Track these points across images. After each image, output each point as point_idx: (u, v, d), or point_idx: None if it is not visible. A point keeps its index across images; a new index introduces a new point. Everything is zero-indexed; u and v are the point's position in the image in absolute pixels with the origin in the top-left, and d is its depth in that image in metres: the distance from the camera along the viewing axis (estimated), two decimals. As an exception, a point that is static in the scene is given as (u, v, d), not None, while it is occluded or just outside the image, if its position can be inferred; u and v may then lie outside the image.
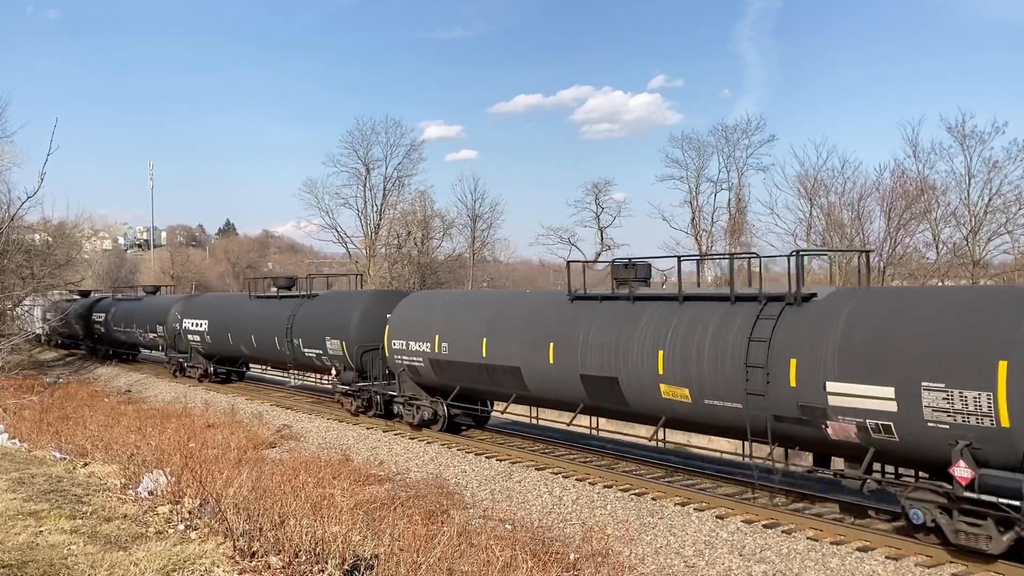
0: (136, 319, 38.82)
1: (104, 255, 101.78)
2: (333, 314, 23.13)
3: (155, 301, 39.83)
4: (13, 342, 35.34)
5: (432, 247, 63.67)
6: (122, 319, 40.67)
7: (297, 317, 24.76)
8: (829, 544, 11.47)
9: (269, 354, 27.30)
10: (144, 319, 37.84)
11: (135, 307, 40.25)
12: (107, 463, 14.86)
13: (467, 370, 17.94)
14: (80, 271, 63.23)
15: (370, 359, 21.78)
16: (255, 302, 28.70)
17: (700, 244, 53.97)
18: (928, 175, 44.49)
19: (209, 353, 31.93)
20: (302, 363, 25.48)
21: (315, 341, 23.63)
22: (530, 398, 17.05)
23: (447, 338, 18.37)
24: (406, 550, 9.41)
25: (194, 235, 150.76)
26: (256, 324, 27.43)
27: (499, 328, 17.14)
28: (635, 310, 14.57)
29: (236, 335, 28.79)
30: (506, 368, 16.80)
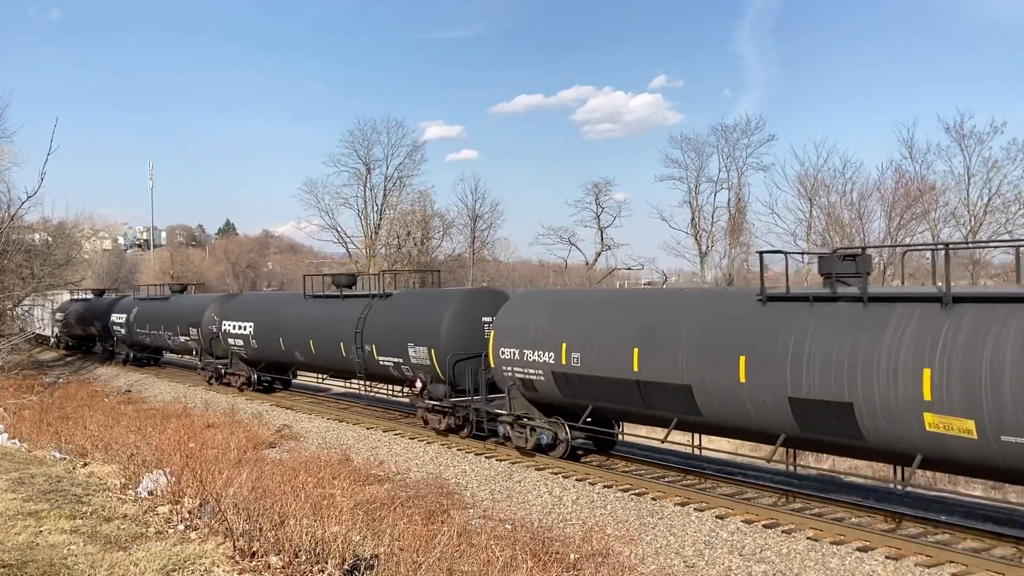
0: (164, 321, 35.51)
1: (104, 255, 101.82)
2: (417, 316, 20.00)
3: (184, 301, 36.35)
4: (13, 342, 35.30)
5: (432, 247, 63.73)
6: (147, 320, 37.49)
7: (369, 320, 21.57)
8: (829, 544, 11.47)
9: (332, 362, 23.90)
10: (173, 321, 34.59)
11: (162, 308, 36.75)
12: (107, 463, 14.85)
13: (608, 387, 14.77)
14: (80, 271, 63.17)
15: (463, 370, 18.67)
16: (312, 303, 25.12)
17: (700, 244, 53.99)
18: (926, 175, 44.58)
19: (254, 359, 28.42)
20: (375, 373, 22.00)
21: (393, 348, 20.48)
22: (702, 424, 13.82)
23: (579, 347, 15.25)
24: (406, 550, 9.42)
25: (194, 235, 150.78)
26: (315, 327, 24.15)
27: (659, 336, 13.94)
28: (873, 315, 11.25)
29: (290, 339, 25.35)
30: (669, 387, 13.60)
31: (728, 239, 53.60)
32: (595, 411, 15.62)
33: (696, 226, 54.81)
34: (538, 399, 16.74)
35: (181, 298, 37.73)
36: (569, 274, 61.73)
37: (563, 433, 16.50)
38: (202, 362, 31.99)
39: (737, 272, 51.83)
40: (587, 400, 15.51)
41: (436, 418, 19.75)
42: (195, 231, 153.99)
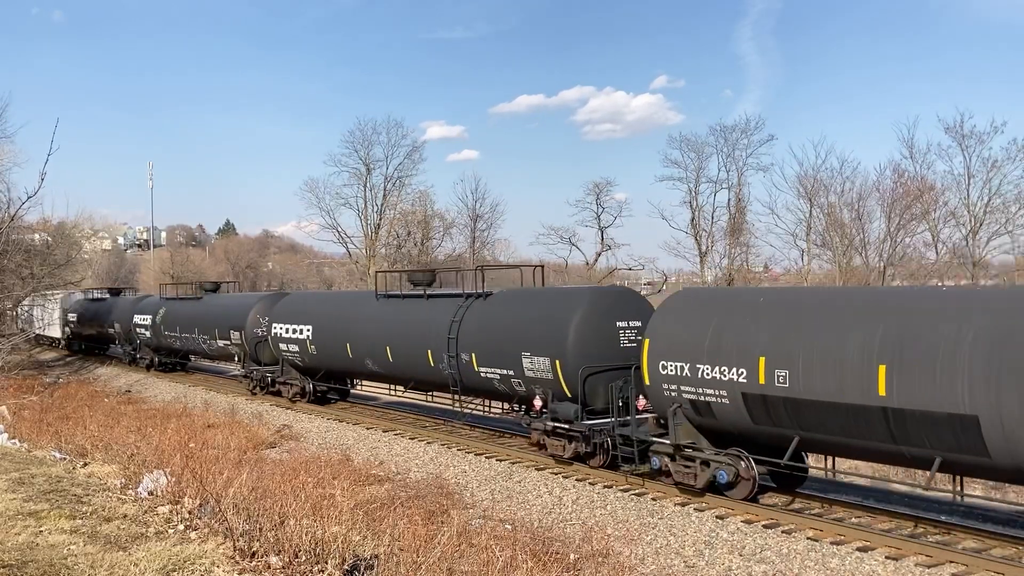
0: (198, 323, 31.73)
1: (104, 255, 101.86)
2: (534, 320, 16.71)
3: (221, 301, 32.56)
4: (13, 342, 35.28)
5: (432, 247, 63.69)
6: (176, 322, 33.79)
7: (466, 324, 18.18)
8: (829, 544, 11.47)
9: (415, 372, 20.30)
10: (209, 323, 30.83)
11: (194, 308, 33.07)
12: (107, 463, 14.86)
13: (834, 415, 11.55)
14: (80, 271, 63.11)
15: (594, 386, 15.61)
16: (387, 303, 21.74)
17: (700, 244, 53.96)
18: (926, 175, 44.57)
19: (311, 367, 25.10)
20: (474, 387, 18.41)
21: (500, 358, 17.22)
22: (986, 468, 10.65)
23: (786, 363, 12.01)
24: (406, 550, 9.43)
25: (194, 235, 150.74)
26: (393, 332, 20.71)
27: (919, 349, 10.73)
28: None
29: (360, 346, 21.94)
30: (941, 417, 10.43)
31: (728, 239, 53.56)
32: (803, 444, 12.54)
33: (696, 226, 54.75)
34: (713, 426, 13.50)
35: (216, 298, 33.73)
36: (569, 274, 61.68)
37: (748, 469, 13.18)
38: (245, 369, 28.37)
39: (737, 271, 51.79)
40: (794, 430, 12.23)
41: (558, 443, 16.23)
42: (195, 231, 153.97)
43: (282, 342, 25.60)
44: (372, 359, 21.70)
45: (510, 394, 17.52)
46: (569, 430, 15.92)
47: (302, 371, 25.87)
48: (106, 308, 43.83)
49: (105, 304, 44.81)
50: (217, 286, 36.48)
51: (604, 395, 15.61)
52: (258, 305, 28.15)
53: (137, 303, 40.10)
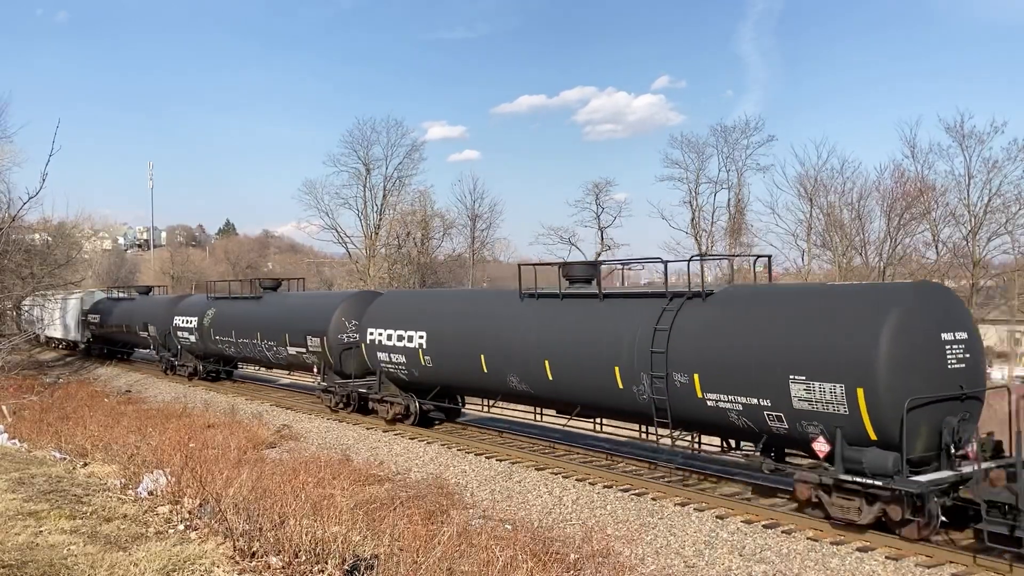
0: (261, 327, 27.13)
1: (104, 255, 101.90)
2: (806, 329, 12.13)
3: (290, 302, 27.91)
4: (14, 343, 35.27)
5: (432, 247, 63.71)
6: (230, 326, 29.11)
7: (678, 333, 13.65)
8: (829, 544, 11.47)
9: (592, 395, 15.47)
10: (276, 327, 26.10)
11: (254, 310, 28.37)
12: (107, 463, 14.86)
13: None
14: (80, 271, 63.11)
15: (915, 424, 11.12)
16: (539, 305, 16.93)
17: (700, 244, 53.96)
18: (927, 175, 44.59)
19: (422, 383, 20.14)
20: (693, 418, 13.79)
21: (744, 381, 12.59)
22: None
23: None
24: (406, 550, 9.43)
25: (194, 235, 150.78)
26: (554, 342, 16.01)
27: None
28: None
29: (500, 359, 17.24)
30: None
31: (728, 239, 53.58)
32: None
33: (696, 226, 54.81)
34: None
35: (280, 297, 29.03)
36: (569, 274, 61.75)
37: None
38: (324, 382, 23.94)
39: (736, 271, 51.79)
40: None
41: (849, 504, 11.80)
42: (195, 231, 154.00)
43: (381, 351, 20.75)
44: (520, 376, 16.89)
45: (756, 431, 12.86)
46: (874, 487, 11.30)
47: (406, 387, 20.98)
48: (135, 309, 39.24)
49: (134, 304, 40.42)
50: (278, 283, 31.21)
51: (927, 437, 11.36)
52: (343, 305, 23.77)
53: (176, 303, 35.19)
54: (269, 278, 32.75)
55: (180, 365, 33.64)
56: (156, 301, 39.20)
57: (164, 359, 35.18)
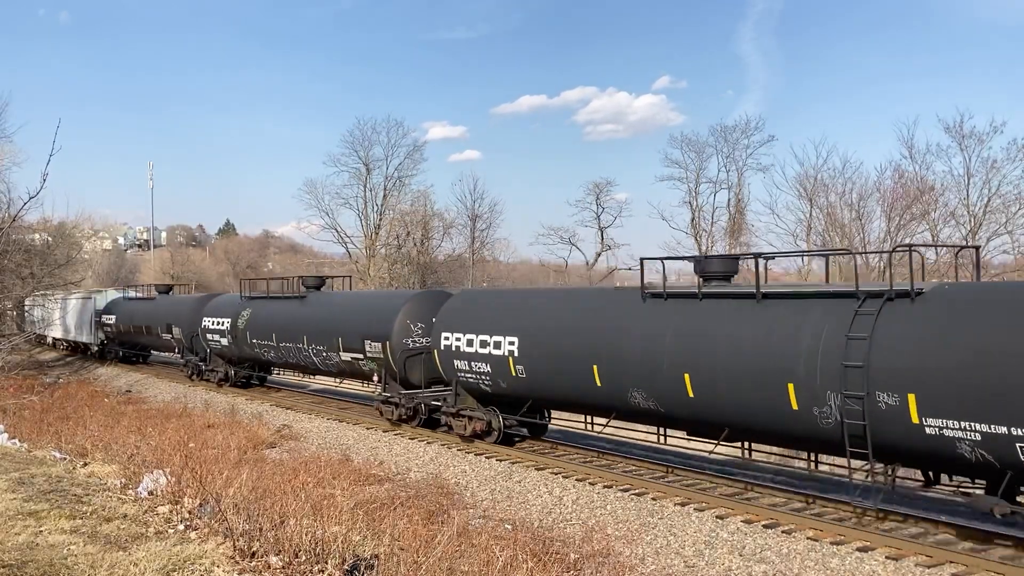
0: (307, 330, 24.14)
1: (104, 255, 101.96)
2: None
3: (341, 302, 24.72)
4: (13, 342, 35.26)
5: (432, 247, 63.77)
6: (269, 329, 26.10)
7: (879, 342, 11.08)
8: (829, 544, 11.47)
9: (754, 417, 12.75)
10: (326, 330, 23.28)
11: (298, 312, 25.22)
12: (107, 463, 14.85)
13: None
14: (80, 271, 63.10)
15: None
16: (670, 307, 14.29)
17: (700, 244, 53.99)
18: (926, 175, 44.62)
19: (512, 395, 17.41)
20: (902, 447, 11.15)
21: (987, 405, 10.02)
22: None
23: None
24: (406, 550, 9.43)
25: (194, 235, 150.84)
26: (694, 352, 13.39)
27: None
28: None
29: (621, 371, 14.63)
30: None
31: (728, 239, 53.59)
32: None
33: (696, 226, 54.85)
34: None
35: (327, 297, 25.88)
36: (569, 274, 61.75)
37: None
38: (387, 392, 21.10)
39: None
40: None
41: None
42: (195, 231, 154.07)
43: (459, 358, 18.07)
44: (646, 392, 14.33)
45: (995, 466, 10.25)
46: None
47: (487, 400, 18.22)
48: (156, 309, 36.41)
49: (155, 304, 37.59)
50: (322, 281, 27.24)
51: None
52: (408, 306, 20.78)
53: (205, 303, 32.11)
54: (312, 276, 28.10)
55: (209, 370, 30.91)
56: (181, 301, 36.29)
57: (190, 364, 32.53)
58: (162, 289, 41.05)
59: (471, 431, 18.29)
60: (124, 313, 40.05)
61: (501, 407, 18.07)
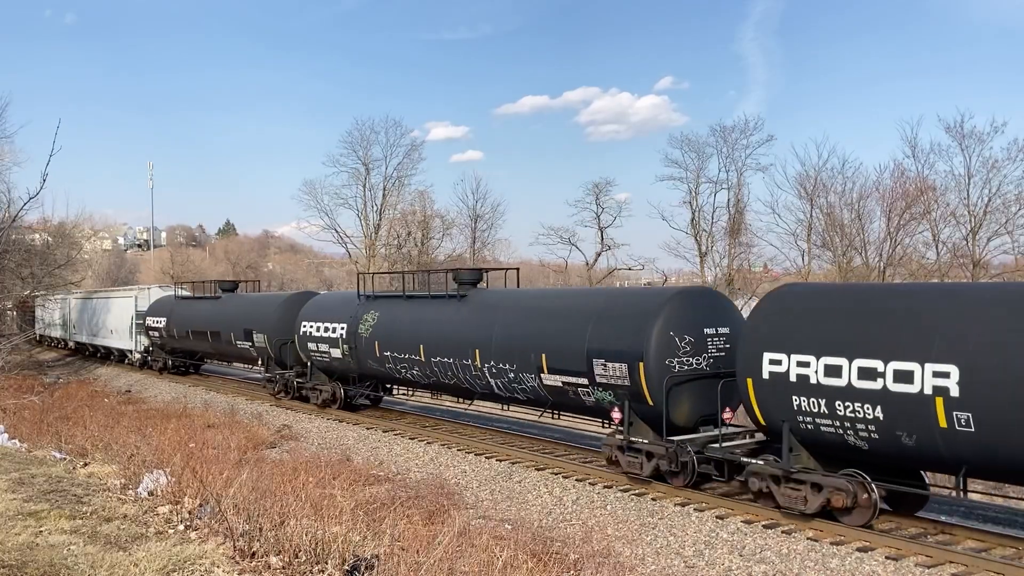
0: (479, 341, 17.62)
1: (104, 255, 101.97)
2: None
3: (525, 304, 17.71)
4: (13, 342, 35.23)
5: (432, 247, 63.73)
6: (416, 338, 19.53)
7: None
8: (829, 544, 11.47)
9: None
10: (511, 344, 16.86)
11: (454, 316, 18.76)
12: (107, 463, 14.85)
13: None
14: (80, 271, 63.07)
15: None
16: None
17: (700, 244, 53.95)
18: (927, 175, 44.57)
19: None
20: None
21: None
22: None
23: None
24: (406, 550, 9.43)
25: (194, 235, 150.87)
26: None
27: None
28: None
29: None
30: None
31: (728, 239, 53.54)
32: None
33: (696, 226, 54.70)
34: None
35: (502, 297, 18.72)
36: (569, 274, 61.72)
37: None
38: (625, 436, 14.63)
39: (736, 271, 51.80)
40: None
41: None
42: (195, 231, 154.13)
43: (828, 397, 11.58)
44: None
45: None
46: None
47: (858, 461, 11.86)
48: (223, 311, 30.13)
49: (221, 305, 30.90)
50: (479, 275, 20.28)
51: None
52: (667, 311, 14.28)
53: (299, 303, 25.72)
54: (468, 268, 21.22)
55: (312, 389, 24.48)
56: (263, 301, 29.24)
57: (280, 380, 26.29)
58: (226, 286, 33.26)
59: (815, 506, 12.13)
60: (178, 315, 33.31)
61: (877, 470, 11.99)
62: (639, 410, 14.56)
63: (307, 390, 25.00)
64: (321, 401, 24.39)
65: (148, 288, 38.98)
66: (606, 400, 15.04)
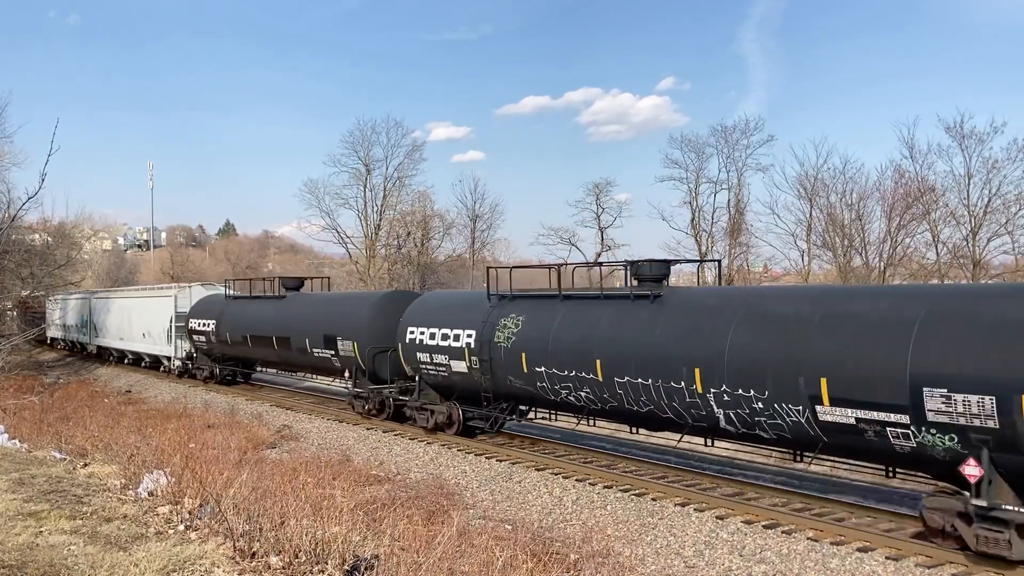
0: (687, 357, 13.48)
1: (104, 255, 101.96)
2: None
3: (803, 312, 12.24)
4: (13, 342, 35.21)
5: (432, 247, 63.77)
6: (584, 350, 15.41)
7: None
8: (829, 544, 11.47)
9: None
10: (770, 369, 12.19)
11: (645, 325, 14.54)
12: (107, 463, 14.84)
13: None
14: (80, 271, 63.05)
15: None
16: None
17: (700, 244, 53.96)
18: (927, 176, 44.56)
19: None
20: None
21: None
22: None
23: None
24: (406, 550, 9.43)
25: (194, 235, 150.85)
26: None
27: None
28: None
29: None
30: None
31: (728, 239, 53.54)
32: None
33: (696, 226, 54.72)
34: None
35: (718, 298, 14.26)
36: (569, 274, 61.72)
37: None
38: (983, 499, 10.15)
39: (736, 272, 51.80)
40: None
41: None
42: (195, 231, 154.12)
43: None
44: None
45: None
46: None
47: None
48: (292, 313, 25.42)
49: (284, 306, 26.16)
50: (666, 271, 15.66)
51: None
52: None
53: (397, 303, 21.66)
54: (651, 260, 15.58)
55: (419, 409, 20.17)
56: (347, 301, 24.61)
57: (374, 396, 21.78)
58: (290, 284, 27.79)
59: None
60: (231, 318, 28.75)
61: None
62: (1008, 464, 10.11)
63: (413, 410, 20.49)
64: (432, 425, 19.89)
65: (189, 287, 34.61)
66: (941, 447, 10.57)
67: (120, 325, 38.95)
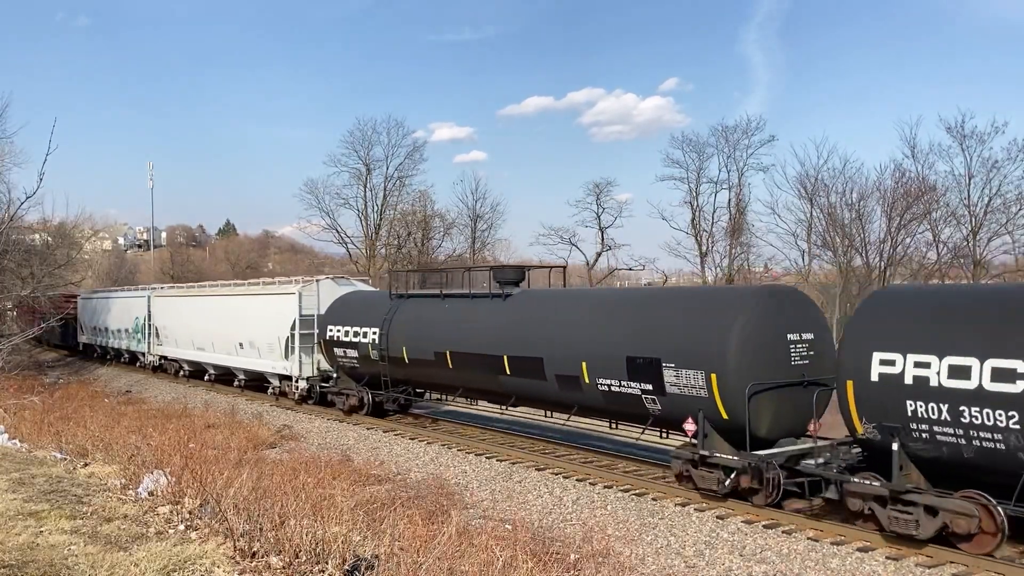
0: None
1: (104, 255, 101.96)
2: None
3: None
4: (13, 342, 35.19)
5: (432, 247, 63.75)
6: None
7: None
8: (829, 544, 11.47)
9: None
10: None
11: None
12: (107, 463, 14.85)
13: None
14: (80, 271, 63.03)
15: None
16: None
17: (700, 244, 53.98)
18: (928, 175, 44.59)
19: None
20: None
21: None
22: None
23: None
24: (406, 550, 9.42)
25: (194, 235, 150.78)
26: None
27: None
28: None
29: None
30: None
31: (729, 239, 53.55)
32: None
33: (696, 226, 54.74)
34: None
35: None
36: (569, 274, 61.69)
37: None
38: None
39: (736, 272, 51.81)
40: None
41: None
42: (195, 231, 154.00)
43: None
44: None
45: None
46: None
47: None
48: (532, 321, 17.16)
49: (513, 310, 17.85)
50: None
51: None
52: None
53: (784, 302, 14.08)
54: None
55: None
56: (669, 301, 15.45)
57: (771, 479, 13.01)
58: (509, 277, 19.16)
59: None
60: (405, 325, 20.66)
61: None
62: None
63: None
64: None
65: (316, 281, 25.41)
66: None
67: (205, 332, 30.37)
